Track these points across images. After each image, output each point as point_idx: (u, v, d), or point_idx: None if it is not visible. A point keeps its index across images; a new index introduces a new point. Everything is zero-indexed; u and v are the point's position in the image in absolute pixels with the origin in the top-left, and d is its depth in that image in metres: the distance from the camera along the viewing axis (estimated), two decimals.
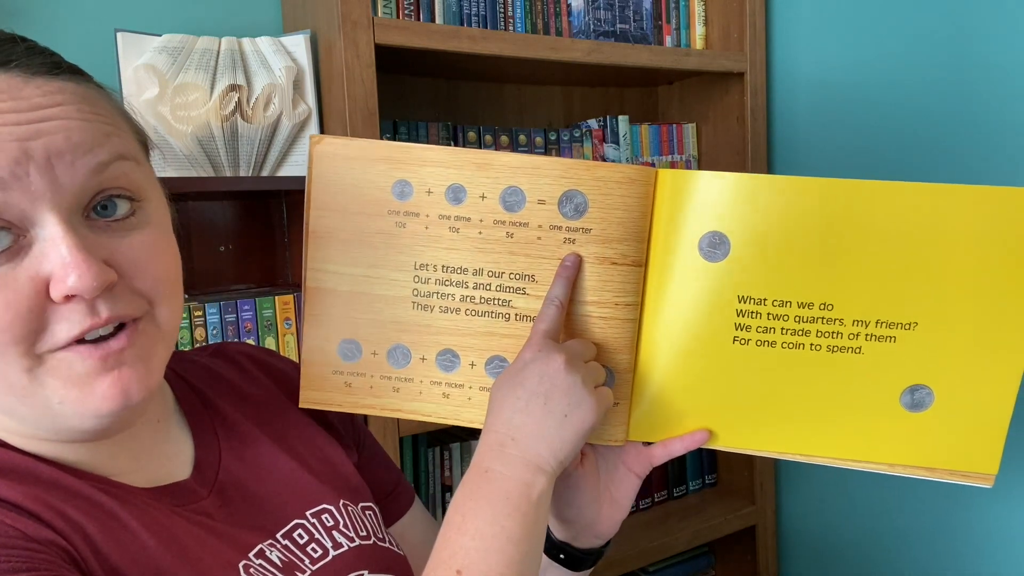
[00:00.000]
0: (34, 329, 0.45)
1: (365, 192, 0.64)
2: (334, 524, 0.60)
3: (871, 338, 0.61)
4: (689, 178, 0.62)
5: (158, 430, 0.57)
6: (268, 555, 0.55)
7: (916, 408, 0.62)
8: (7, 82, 0.46)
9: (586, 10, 1.47)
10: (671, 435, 0.66)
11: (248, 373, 0.67)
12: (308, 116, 1.23)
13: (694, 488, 1.70)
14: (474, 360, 0.65)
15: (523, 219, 0.62)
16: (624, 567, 1.46)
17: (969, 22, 1.30)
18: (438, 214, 0.63)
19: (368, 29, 1.15)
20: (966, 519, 1.39)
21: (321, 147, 0.64)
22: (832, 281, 0.61)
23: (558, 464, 0.56)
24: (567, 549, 0.68)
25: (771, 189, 0.60)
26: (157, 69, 1.15)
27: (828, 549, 1.64)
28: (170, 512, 0.52)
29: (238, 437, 0.61)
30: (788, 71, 1.60)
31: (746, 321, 0.62)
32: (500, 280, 0.63)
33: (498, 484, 0.54)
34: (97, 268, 0.45)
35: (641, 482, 0.68)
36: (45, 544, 0.44)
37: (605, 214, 0.62)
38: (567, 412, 0.56)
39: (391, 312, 0.65)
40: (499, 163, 0.62)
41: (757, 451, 0.66)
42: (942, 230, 0.59)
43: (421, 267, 0.64)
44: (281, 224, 1.36)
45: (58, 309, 0.46)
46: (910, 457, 0.64)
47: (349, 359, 0.66)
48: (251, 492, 0.58)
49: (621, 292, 0.63)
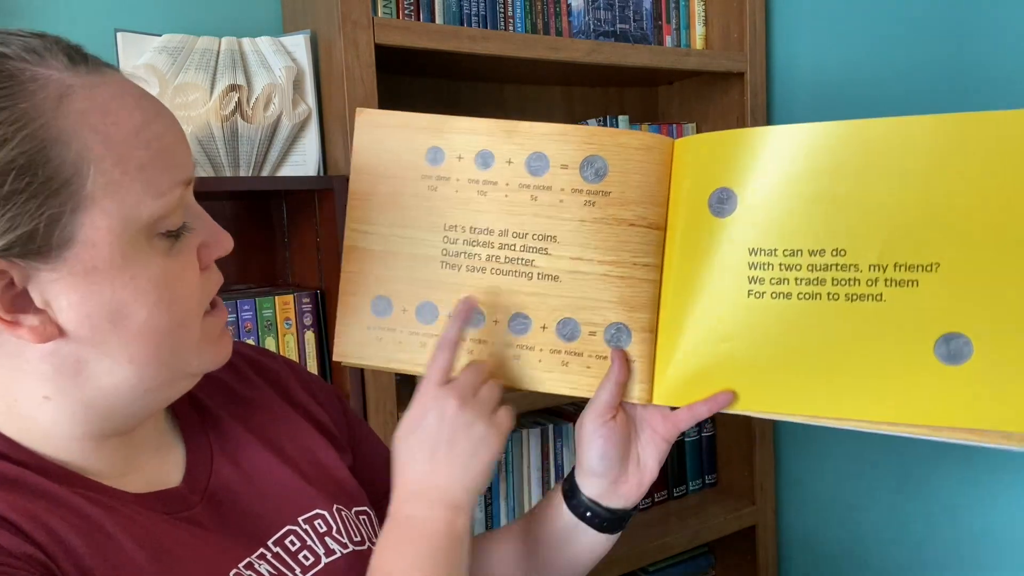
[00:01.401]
0: (202, 292, 0.53)
1: (401, 158, 0.69)
2: (327, 530, 0.60)
3: (891, 283, 0.58)
4: (697, 142, 0.64)
5: (150, 434, 0.57)
6: (257, 567, 0.54)
7: (954, 360, 0.57)
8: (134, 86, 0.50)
9: (586, 10, 1.47)
10: (696, 399, 0.65)
11: (241, 374, 0.67)
12: (308, 116, 1.23)
13: (694, 488, 1.70)
14: (498, 317, 0.68)
15: (547, 183, 0.66)
16: (624, 567, 1.46)
17: (969, 22, 1.30)
18: (467, 178, 0.67)
19: (368, 29, 1.15)
20: (966, 519, 1.39)
21: (364, 117, 0.70)
22: (843, 226, 0.59)
23: (473, 499, 0.60)
24: (595, 507, 0.69)
25: (771, 140, 0.60)
26: (157, 69, 1.15)
27: (828, 549, 1.64)
28: (160, 521, 0.52)
29: (230, 441, 0.61)
30: (788, 71, 1.60)
31: (759, 274, 0.61)
32: (524, 241, 0.67)
33: (422, 526, 0.57)
34: (228, 234, 0.55)
35: (668, 447, 0.70)
36: (23, 559, 0.44)
37: (624, 178, 0.65)
38: (472, 451, 0.60)
39: (421, 271, 0.69)
40: (525, 130, 0.66)
41: (785, 414, 0.62)
42: (955, 162, 0.56)
43: (450, 228, 0.68)
44: (281, 224, 1.36)
45: (202, 275, 0.53)
46: (954, 418, 0.57)
47: (381, 315, 0.70)
48: (243, 498, 0.58)
49: (639, 253, 0.66)
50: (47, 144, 0.44)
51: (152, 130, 0.49)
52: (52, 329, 0.47)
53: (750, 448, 1.64)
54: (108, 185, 0.46)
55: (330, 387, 0.75)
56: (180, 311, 0.51)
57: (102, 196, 0.46)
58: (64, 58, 0.47)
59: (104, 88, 0.48)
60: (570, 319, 0.67)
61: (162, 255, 0.49)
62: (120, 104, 0.48)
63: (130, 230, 0.47)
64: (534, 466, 1.48)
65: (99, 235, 0.46)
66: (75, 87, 0.46)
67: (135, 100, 0.49)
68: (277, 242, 1.36)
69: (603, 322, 0.66)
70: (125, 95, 0.49)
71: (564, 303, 0.67)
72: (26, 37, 0.47)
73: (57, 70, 0.46)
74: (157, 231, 0.49)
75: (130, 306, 0.48)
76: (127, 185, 0.47)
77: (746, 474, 1.66)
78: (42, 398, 0.49)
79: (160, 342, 0.50)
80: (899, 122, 0.57)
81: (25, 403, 0.50)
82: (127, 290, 0.48)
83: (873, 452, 1.51)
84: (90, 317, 0.47)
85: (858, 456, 1.54)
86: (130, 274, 0.48)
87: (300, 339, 1.20)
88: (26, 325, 0.46)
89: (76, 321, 0.47)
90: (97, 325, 0.48)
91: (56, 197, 0.45)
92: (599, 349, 0.67)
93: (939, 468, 1.42)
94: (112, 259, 0.47)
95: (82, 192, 0.45)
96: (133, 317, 0.49)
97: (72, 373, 0.49)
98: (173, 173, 0.50)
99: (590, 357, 0.67)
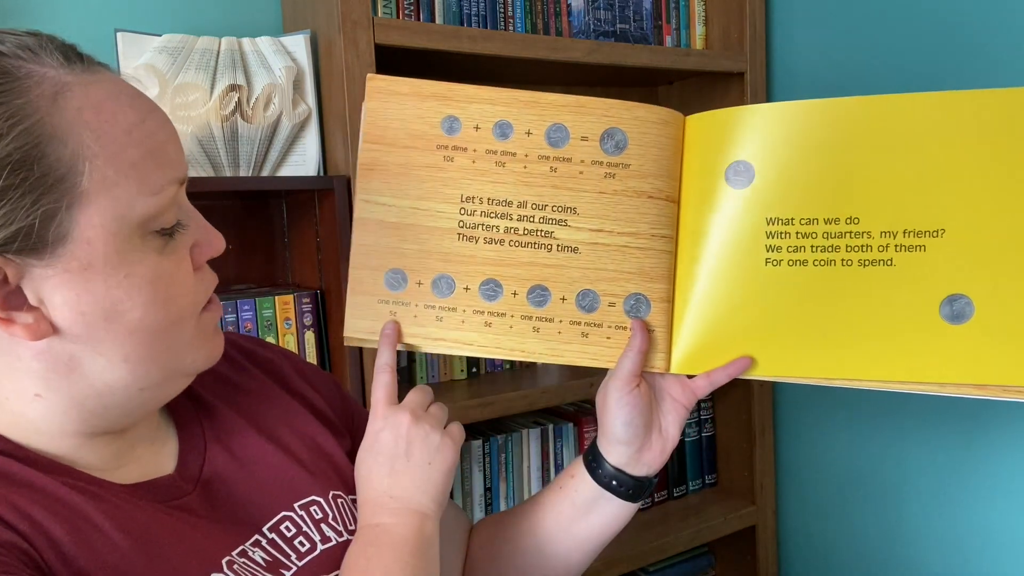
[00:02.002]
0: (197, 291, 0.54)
1: (415, 127, 0.68)
2: (323, 517, 0.60)
3: (900, 248, 0.61)
4: (710, 118, 0.65)
5: (143, 424, 0.57)
6: (251, 554, 0.54)
7: (957, 320, 0.61)
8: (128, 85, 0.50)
9: (586, 10, 1.47)
10: (714, 366, 0.67)
11: (237, 363, 0.67)
12: (308, 116, 1.23)
13: (694, 488, 1.70)
14: (516, 289, 0.68)
15: (567, 154, 0.67)
16: (624, 567, 1.46)
17: (969, 23, 1.30)
18: (485, 149, 0.67)
19: (368, 29, 1.15)
20: (966, 519, 1.39)
21: (374, 83, 0.68)
22: (856, 195, 0.62)
23: (438, 506, 0.61)
24: (620, 475, 0.70)
25: (786, 114, 0.63)
26: (157, 69, 1.15)
27: (828, 549, 1.64)
28: (151, 509, 0.52)
29: (224, 429, 0.61)
30: (788, 71, 1.60)
31: (776, 242, 0.64)
32: (543, 212, 0.67)
33: (392, 532, 0.58)
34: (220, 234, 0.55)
35: (688, 413, 0.71)
36: (5, 546, 0.44)
37: (643, 151, 0.66)
38: (429, 460, 0.61)
39: (437, 243, 0.68)
40: (545, 101, 0.67)
41: (800, 378, 0.65)
42: (958, 135, 0.60)
43: (467, 200, 0.67)
44: (281, 224, 1.36)
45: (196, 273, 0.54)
46: (958, 374, 0.61)
47: (395, 288, 0.69)
48: (237, 485, 0.58)
49: (657, 224, 0.67)
50: (43, 140, 0.44)
51: (145, 128, 0.49)
52: (46, 326, 0.47)
53: (750, 448, 1.64)
54: (103, 182, 0.46)
55: (327, 374, 0.75)
56: (175, 309, 0.51)
57: (97, 193, 0.46)
58: (59, 56, 0.47)
59: (99, 86, 0.48)
60: (589, 290, 0.67)
61: (156, 253, 0.50)
62: (115, 102, 0.48)
63: (124, 228, 0.47)
64: (534, 466, 1.48)
65: (94, 232, 0.46)
66: (70, 84, 0.46)
67: (129, 98, 0.49)
68: (277, 242, 1.36)
69: (623, 293, 0.67)
70: (120, 94, 0.49)
71: (583, 275, 0.67)
72: (21, 35, 0.47)
73: (52, 67, 0.46)
74: (151, 229, 0.49)
75: (125, 304, 0.48)
76: (121, 183, 0.47)
77: (746, 474, 1.66)
78: (33, 395, 0.49)
79: (154, 341, 0.50)
80: (908, 98, 0.61)
81: (16, 400, 0.50)
82: (121, 288, 0.48)
83: (873, 452, 1.51)
84: (84, 315, 0.47)
85: (858, 456, 1.54)
86: (124, 272, 0.48)
87: (300, 339, 1.20)
88: (20, 322, 0.46)
89: (70, 319, 0.47)
90: (92, 323, 0.48)
91: (51, 193, 0.45)
92: (619, 320, 0.67)
93: (939, 468, 1.42)
94: (107, 256, 0.47)
95: (77, 189, 0.45)
96: (128, 315, 0.49)
97: (65, 371, 0.49)
98: (166, 171, 0.50)
99: (610, 328, 0.68)
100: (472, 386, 1.39)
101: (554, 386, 1.34)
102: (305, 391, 0.69)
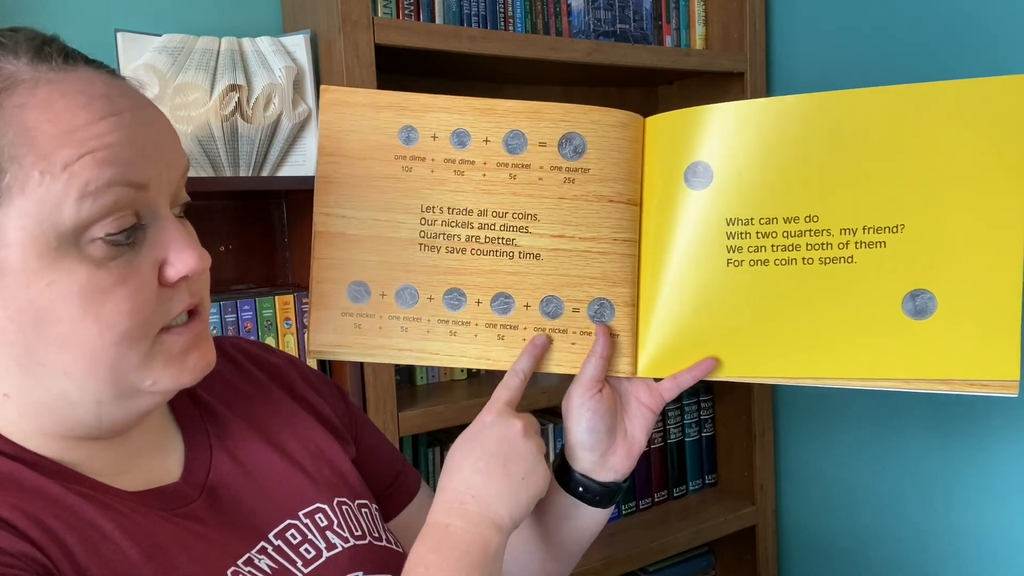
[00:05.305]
0: (154, 311, 0.49)
1: (372, 138, 0.67)
2: (328, 524, 0.60)
3: (861, 245, 0.61)
4: (669, 119, 0.65)
5: (148, 431, 0.57)
6: (257, 562, 0.54)
7: (920, 315, 0.61)
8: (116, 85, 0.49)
9: (586, 10, 1.47)
10: (680, 369, 0.66)
11: (242, 368, 0.67)
12: (308, 116, 1.23)
13: (694, 488, 1.69)
14: (480, 298, 0.67)
15: (525, 161, 0.66)
16: (624, 567, 1.45)
17: (969, 24, 1.30)
18: (443, 158, 0.66)
19: (368, 29, 1.15)
20: (966, 519, 1.39)
21: (329, 95, 0.68)
22: (814, 193, 0.62)
23: (512, 524, 0.59)
24: (586, 482, 0.70)
25: (743, 113, 0.62)
26: (157, 69, 1.15)
27: (828, 549, 1.64)
28: (157, 517, 0.51)
29: (230, 436, 0.61)
30: (788, 71, 1.60)
31: (737, 243, 0.63)
32: (504, 220, 0.67)
33: (459, 538, 0.56)
34: (201, 252, 0.51)
35: (656, 417, 0.70)
36: (19, 557, 0.43)
37: (602, 155, 0.65)
38: (524, 476, 0.60)
39: (399, 254, 0.67)
40: (501, 108, 0.66)
41: (766, 378, 0.65)
42: (915, 129, 0.60)
43: (427, 209, 0.67)
44: (281, 224, 1.36)
45: (163, 292, 0.50)
46: (923, 369, 0.61)
47: (358, 301, 0.68)
48: (242, 493, 0.58)
49: (618, 228, 0.66)
50: None
51: (93, 130, 0.46)
52: None
53: (750, 448, 1.64)
54: (25, 183, 0.44)
55: (332, 381, 0.75)
56: (114, 326, 0.47)
57: (18, 194, 0.44)
58: (31, 52, 0.46)
59: (59, 85, 0.46)
60: (553, 296, 0.67)
61: (92, 264, 0.46)
62: (66, 103, 0.46)
63: (49, 231, 0.45)
64: None
65: (14, 234, 0.45)
66: (23, 81, 0.45)
67: (88, 99, 0.46)
68: (277, 242, 1.36)
69: (586, 298, 0.67)
70: (79, 93, 0.46)
71: (546, 281, 0.67)
72: None
73: (13, 64, 0.46)
74: (91, 236, 0.46)
75: (51, 313, 0.46)
76: (47, 184, 0.44)
77: (746, 474, 1.66)
78: (2, 395, 0.49)
79: (94, 358, 0.48)
80: (863, 93, 0.60)
81: None
82: (44, 297, 0.46)
83: (874, 451, 1.51)
84: (12, 320, 0.46)
85: (858, 455, 1.54)
86: (47, 280, 0.45)
87: (300, 339, 1.20)
88: None
89: (2, 323, 0.46)
90: (23, 330, 0.46)
91: None
92: (583, 325, 0.67)
93: (939, 466, 1.42)
94: (26, 261, 0.45)
95: None
96: (55, 326, 0.46)
97: (21, 373, 0.48)
98: (107, 173, 0.46)
99: (574, 333, 0.68)
100: (472, 386, 1.39)
101: (554, 386, 1.34)
102: (311, 398, 0.69)
